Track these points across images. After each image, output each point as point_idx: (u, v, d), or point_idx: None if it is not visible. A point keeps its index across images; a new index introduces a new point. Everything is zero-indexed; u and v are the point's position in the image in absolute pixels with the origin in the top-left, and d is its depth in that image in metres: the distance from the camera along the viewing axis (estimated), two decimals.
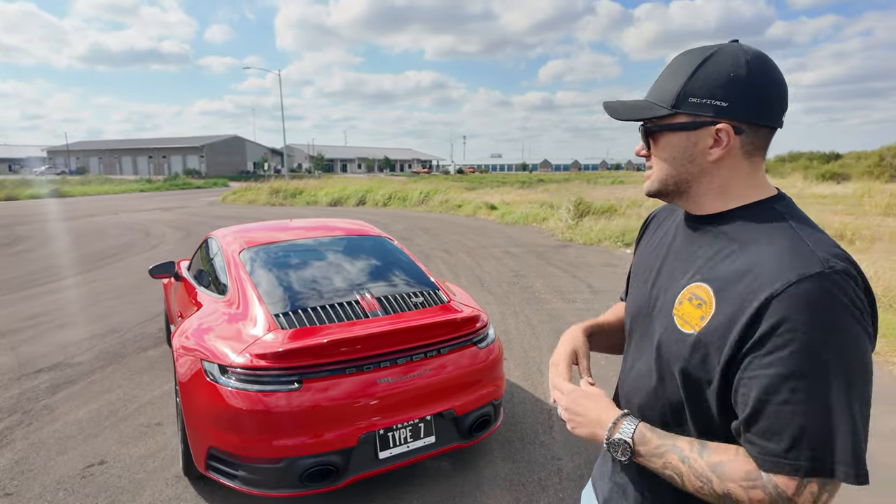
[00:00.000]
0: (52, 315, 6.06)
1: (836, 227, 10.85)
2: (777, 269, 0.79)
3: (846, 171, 32.78)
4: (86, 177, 50.68)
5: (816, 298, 0.75)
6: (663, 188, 0.97)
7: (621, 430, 0.91)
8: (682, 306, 0.91)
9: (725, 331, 0.82)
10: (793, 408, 0.75)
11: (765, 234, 0.86)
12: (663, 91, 0.92)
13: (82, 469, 2.97)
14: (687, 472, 0.84)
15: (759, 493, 0.78)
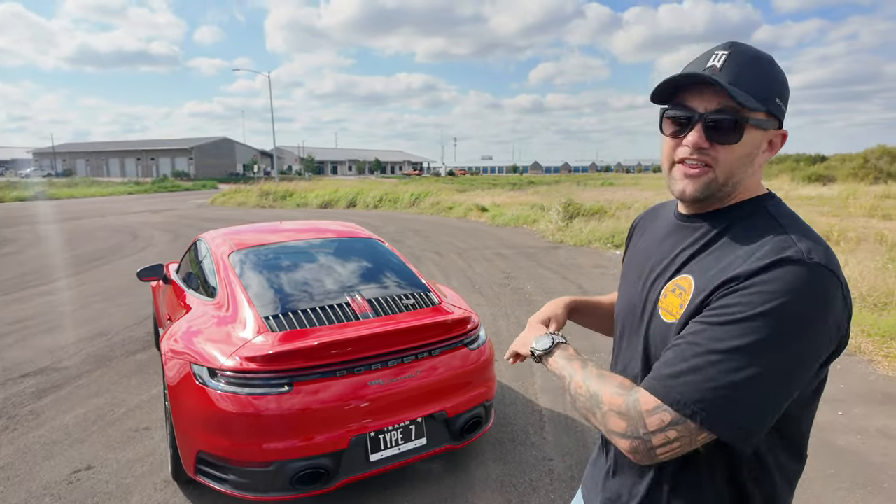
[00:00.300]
0: (39, 319, 5.98)
1: (824, 228, 10.98)
2: (767, 252, 0.80)
3: (831, 172, 33.22)
4: (72, 179, 50.14)
5: (793, 280, 0.75)
6: (717, 191, 0.90)
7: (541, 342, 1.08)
8: (666, 299, 0.91)
9: (701, 307, 0.83)
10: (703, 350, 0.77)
11: (762, 227, 0.86)
12: (743, 82, 0.85)
13: (69, 474, 2.93)
14: (578, 372, 0.94)
15: (620, 399, 0.83)
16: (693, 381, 0.77)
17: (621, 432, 0.82)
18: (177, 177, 56.30)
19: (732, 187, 0.90)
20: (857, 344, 4.65)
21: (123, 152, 73.01)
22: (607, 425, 0.85)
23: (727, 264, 0.83)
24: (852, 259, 6.96)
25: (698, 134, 0.87)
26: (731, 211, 0.92)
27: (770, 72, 0.87)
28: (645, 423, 0.79)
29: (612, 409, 0.84)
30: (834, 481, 2.80)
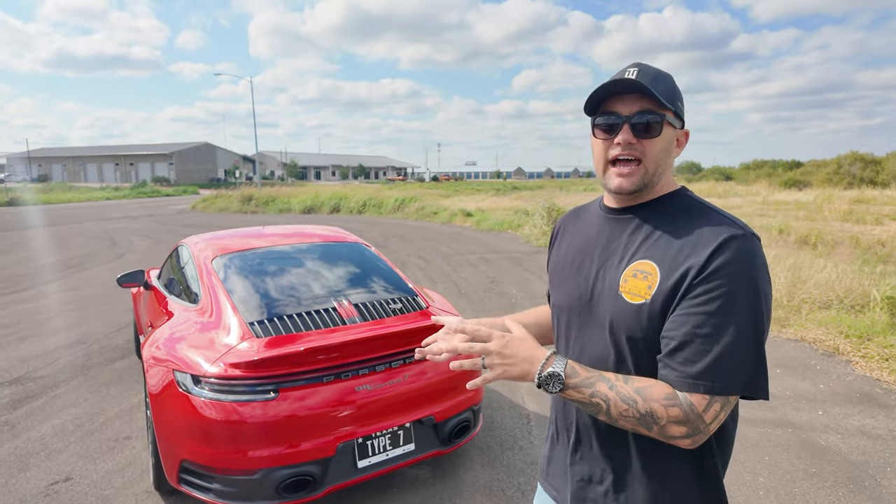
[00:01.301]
0: (13, 327, 5.82)
1: (802, 232, 11.20)
2: (712, 233, 0.95)
3: (807, 178, 33.98)
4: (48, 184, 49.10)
5: (743, 254, 0.92)
6: (647, 182, 1.03)
7: (554, 365, 0.97)
8: (628, 283, 1.01)
9: (672, 293, 0.95)
10: (714, 340, 0.89)
11: (692, 213, 1.02)
12: (656, 88, 0.99)
13: (46, 487, 2.85)
14: (614, 397, 0.94)
15: (677, 410, 0.90)
16: (726, 367, 0.89)
17: (682, 435, 0.92)
18: (157, 182, 55.45)
19: (658, 177, 1.04)
20: (835, 345, 4.75)
21: (102, 157, 71.70)
22: (666, 434, 0.92)
23: (683, 246, 0.96)
24: (829, 262, 7.10)
25: (627, 132, 1.02)
26: (661, 202, 1.06)
27: (671, 82, 1.04)
28: (704, 420, 0.90)
29: (671, 421, 0.91)
30: (817, 480, 2.84)
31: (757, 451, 3.14)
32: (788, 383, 4.09)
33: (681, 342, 0.92)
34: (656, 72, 1.03)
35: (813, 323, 5.22)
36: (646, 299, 0.97)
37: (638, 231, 1.05)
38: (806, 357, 4.64)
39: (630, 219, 1.07)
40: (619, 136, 1.02)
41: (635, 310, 0.98)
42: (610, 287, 1.04)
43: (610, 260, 1.06)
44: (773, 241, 10.18)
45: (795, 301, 5.72)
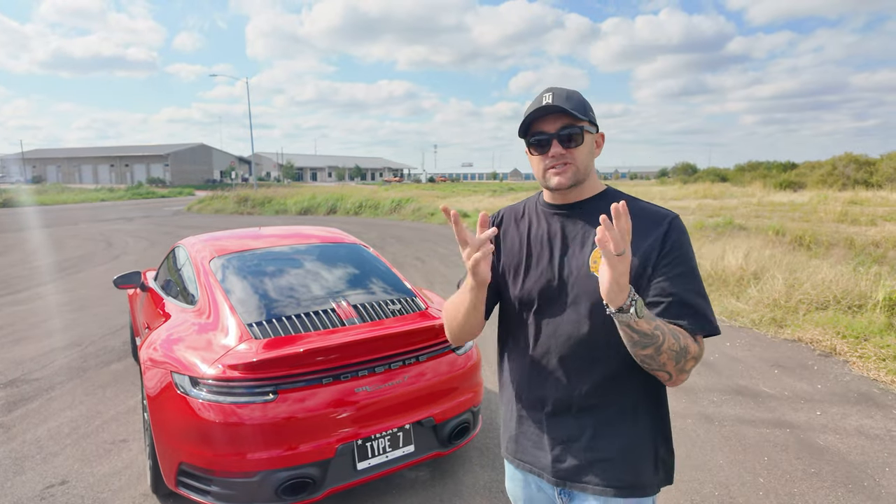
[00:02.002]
0: (8, 329, 5.78)
1: (797, 233, 11.24)
2: (657, 218, 1.23)
3: (801, 179, 34.11)
4: (43, 185, 48.84)
5: (683, 228, 1.22)
6: (580, 178, 1.25)
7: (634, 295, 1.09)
8: (597, 264, 1.20)
9: (643, 262, 1.19)
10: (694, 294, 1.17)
11: (631, 204, 1.23)
12: (573, 106, 1.22)
13: (42, 490, 2.82)
14: (667, 331, 1.10)
15: (696, 346, 1.15)
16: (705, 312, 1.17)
17: (691, 368, 1.15)
18: (152, 184, 55.26)
19: (586, 175, 1.27)
20: (832, 345, 4.76)
21: (97, 158, 71.40)
22: (685, 368, 1.13)
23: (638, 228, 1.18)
24: (826, 263, 7.13)
25: (557, 146, 1.23)
26: (600, 197, 1.29)
27: (580, 98, 1.26)
28: (702, 354, 1.17)
29: (693, 357, 1.13)
30: (816, 480, 2.85)
31: (756, 451, 3.14)
32: (786, 383, 4.10)
33: (673, 301, 1.16)
34: (567, 92, 1.25)
35: (810, 323, 5.24)
36: None
37: (591, 221, 1.26)
38: (803, 357, 4.65)
39: (579, 213, 1.29)
40: (552, 150, 1.23)
41: None
42: (579, 269, 1.24)
43: (572, 248, 1.27)
44: (769, 243, 10.22)
45: (793, 302, 5.73)
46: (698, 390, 4.01)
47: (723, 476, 2.90)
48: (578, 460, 1.25)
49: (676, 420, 3.55)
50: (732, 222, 13.73)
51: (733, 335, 5.30)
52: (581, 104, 1.24)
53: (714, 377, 4.26)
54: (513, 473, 1.42)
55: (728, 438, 3.29)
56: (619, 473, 1.23)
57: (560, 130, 1.22)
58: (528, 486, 1.38)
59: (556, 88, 1.25)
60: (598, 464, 1.24)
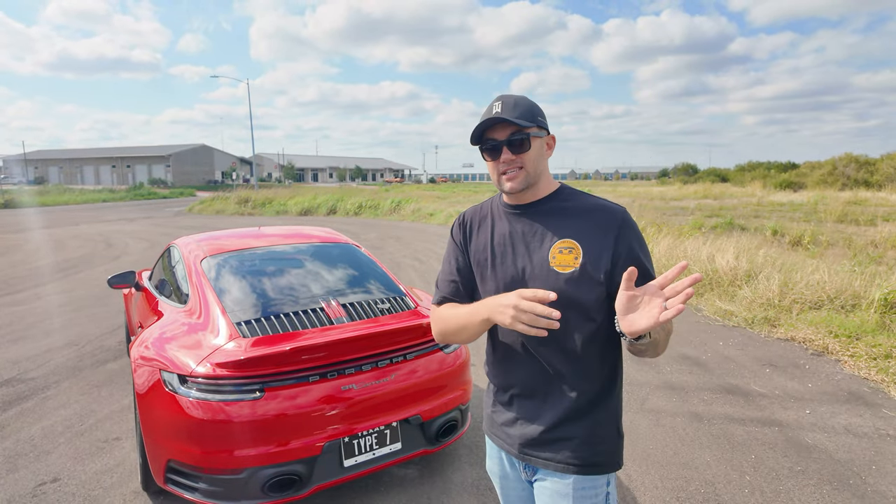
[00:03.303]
0: (6, 329, 5.82)
1: (795, 233, 11.24)
2: (611, 211, 1.31)
3: (802, 179, 34.08)
4: (44, 186, 48.96)
5: (633, 224, 1.31)
6: (531, 181, 1.33)
7: None
8: (556, 259, 1.30)
9: (599, 256, 1.27)
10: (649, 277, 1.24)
11: (580, 201, 1.35)
12: (520, 114, 1.30)
13: (34, 487, 2.85)
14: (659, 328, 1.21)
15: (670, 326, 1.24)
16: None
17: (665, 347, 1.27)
18: (154, 184, 55.36)
19: (537, 177, 1.34)
20: (824, 344, 4.77)
21: (98, 159, 71.51)
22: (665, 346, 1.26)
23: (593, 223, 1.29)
24: (822, 263, 7.14)
25: (507, 153, 1.31)
26: (555, 196, 1.37)
27: (529, 103, 1.33)
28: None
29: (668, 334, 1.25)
30: (801, 478, 2.86)
31: (744, 449, 3.16)
32: (777, 382, 4.12)
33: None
34: (515, 100, 1.32)
35: (803, 323, 5.25)
36: (575, 268, 1.27)
37: (548, 219, 1.34)
38: (795, 356, 4.66)
39: (535, 212, 1.36)
40: (503, 156, 1.32)
41: (566, 278, 1.28)
42: (540, 265, 1.31)
43: (532, 245, 1.34)
44: (766, 243, 10.22)
45: (786, 301, 5.74)
46: (689, 389, 4.03)
47: (709, 474, 2.92)
48: (541, 438, 1.35)
49: (665, 418, 3.57)
50: (732, 222, 13.75)
51: (726, 334, 5.32)
52: (529, 110, 1.31)
53: (705, 376, 4.27)
54: (490, 450, 1.54)
55: (716, 437, 3.31)
56: (580, 452, 1.32)
57: (509, 137, 1.30)
58: (502, 462, 1.49)
59: (505, 97, 1.33)
60: (560, 442, 1.33)
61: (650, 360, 4.62)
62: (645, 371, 4.40)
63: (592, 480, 1.33)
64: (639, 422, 3.53)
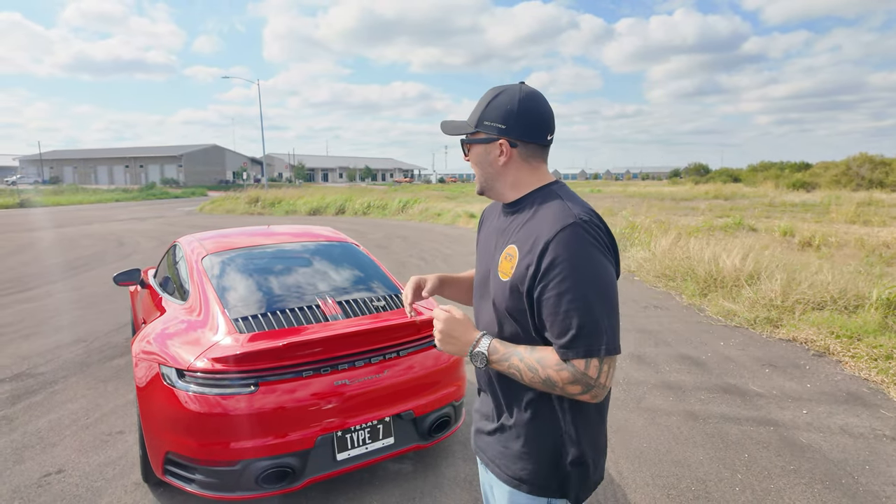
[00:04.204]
0: (17, 325, 5.95)
1: (805, 234, 11.15)
2: (549, 225, 1.15)
3: (815, 180, 33.71)
4: (59, 186, 49.67)
5: (573, 240, 1.11)
6: (484, 186, 1.33)
7: (480, 345, 1.23)
8: (501, 264, 1.26)
9: (524, 272, 1.16)
10: (569, 314, 1.09)
11: (545, 205, 1.22)
12: (472, 116, 1.29)
13: (39, 478, 2.94)
14: (523, 367, 1.16)
15: (566, 373, 1.12)
16: (585, 334, 1.09)
17: (580, 392, 1.12)
18: (166, 184, 55.95)
19: (491, 182, 1.31)
20: (825, 345, 4.75)
21: (112, 159, 72.46)
22: (567, 392, 1.13)
23: (532, 235, 1.18)
24: (826, 264, 7.09)
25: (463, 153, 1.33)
26: (530, 197, 1.27)
27: (482, 105, 1.27)
28: (590, 376, 1.11)
29: (566, 383, 1.12)
30: (794, 477, 2.87)
31: (737, 448, 3.17)
32: (776, 382, 4.11)
33: (549, 322, 1.14)
34: (480, 98, 1.29)
35: (805, 323, 5.23)
36: (509, 277, 1.21)
37: (514, 221, 1.28)
38: (796, 357, 4.65)
39: (511, 212, 1.31)
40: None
41: (503, 286, 1.23)
42: (493, 267, 1.29)
43: (498, 245, 1.30)
44: (774, 243, 10.16)
45: (789, 302, 5.72)
46: (686, 388, 4.04)
47: (701, 472, 2.94)
48: (488, 437, 1.36)
49: (661, 417, 3.58)
50: (742, 223, 13.66)
51: (727, 335, 5.31)
52: (480, 113, 1.26)
53: (704, 376, 4.28)
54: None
55: (711, 436, 3.32)
56: (512, 462, 1.27)
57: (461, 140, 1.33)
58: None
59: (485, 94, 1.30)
60: (500, 447, 1.31)
61: (650, 360, 4.63)
62: (643, 370, 4.42)
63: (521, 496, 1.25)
64: (634, 420, 3.55)
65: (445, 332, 1.27)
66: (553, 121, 1.28)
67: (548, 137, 1.27)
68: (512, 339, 1.23)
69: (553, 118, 1.28)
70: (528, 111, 1.23)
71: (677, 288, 7.20)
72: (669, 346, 5.00)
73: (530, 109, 1.24)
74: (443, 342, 1.28)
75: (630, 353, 4.80)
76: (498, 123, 1.24)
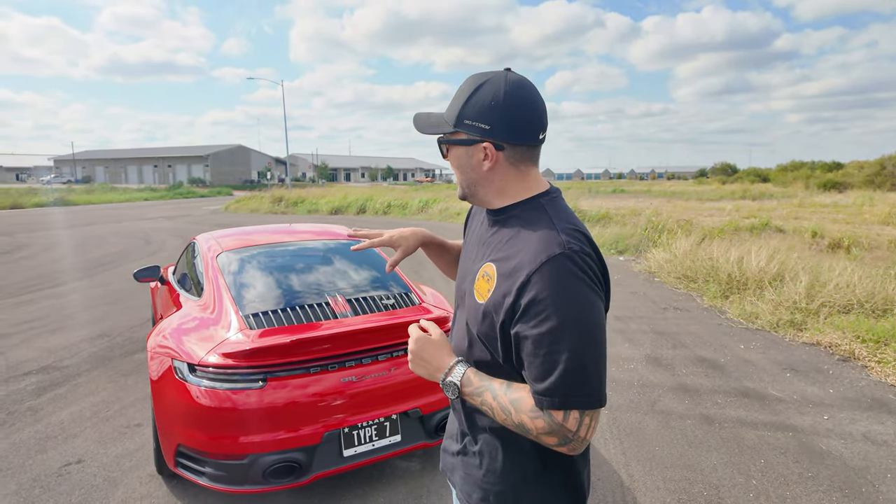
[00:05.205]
0: (45, 320, 6.14)
1: (835, 235, 10.84)
2: (533, 253, 1.00)
3: (848, 180, 32.71)
4: (91, 185, 51.15)
5: (558, 274, 0.96)
6: (465, 192, 1.17)
7: (453, 375, 1.09)
8: (478, 282, 1.11)
9: (500, 301, 1.02)
10: (548, 359, 0.95)
11: (529, 223, 1.07)
12: (450, 111, 1.11)
13: (59, 468, 3.03)
14: (497, 406, 1.03)
15: (541, 421, 0.98)
16: (565, 383, 0.95)
17: (556, 444, 0.99)
18: (193, 184, 57.12)
19: (472, 188, 1.15)
20: (850, 349, 4.61)
21: (141, 159, 74.30)
22: (542, 442, 1.01)
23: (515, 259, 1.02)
24: (859, 267, 6.87)
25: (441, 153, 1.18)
26: (515, 208, 1.12)
27: (463, 99, 1.08)
28: (569, 429, 0.97)
29: (542, 433, 0.99)
30: (811, 484, 2.79)
31: (753, 453, 3.10)
32: (797, 387, 4.00)
33: (527, 363, 0.99)
34: (459, 90, 1.11)
35: (830, 327, 5.08)
36: (484, 300, 1.07)
37: (497, 234, 1.13)
38: (819, 361, 4.52)
39: (494, 221, 1.16)
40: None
41: (478, 307, 1.09)
42: (470, 283, 1.15)
43: (476, 256, 1.17)
44: (802, 245, 9.90)
45: (814, 305, 5.56)
46: (703, 392, 3.96)
47: (715, 477, 2.88)
48: (452, 459, 1.26)
49: (675, 420, 3.52)
50: (769, 224, 13.34)
51: (748, 338, 5.19)
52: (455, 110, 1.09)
53: (721, 379, 4.19)
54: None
55: (726, 440, 3.25)
56: (473, 491, 1.16)
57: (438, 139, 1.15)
58: None
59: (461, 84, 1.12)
60: (463, 472, 1.20)
61: (666, 362, 4.55)
62: (658, 373, 4.34)
63: None
64: (647, 423, 3.50)
65: (416, 354, 1.14)
66: (545, 116, 1.10)
67: (539, 137, 1.09)
68: (481, 363, 1.11)
69: (545, 113, 1.10)
70: (515, 107, 1.05)
71: (698, 289, 7.06)
72: (687, 348, 4.91)
73: (518, 105, 1.05)
74: (413, 363, 1.16)
75: (646, 356, 4.73)
76: (481, 123, 1.06)
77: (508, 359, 1.05)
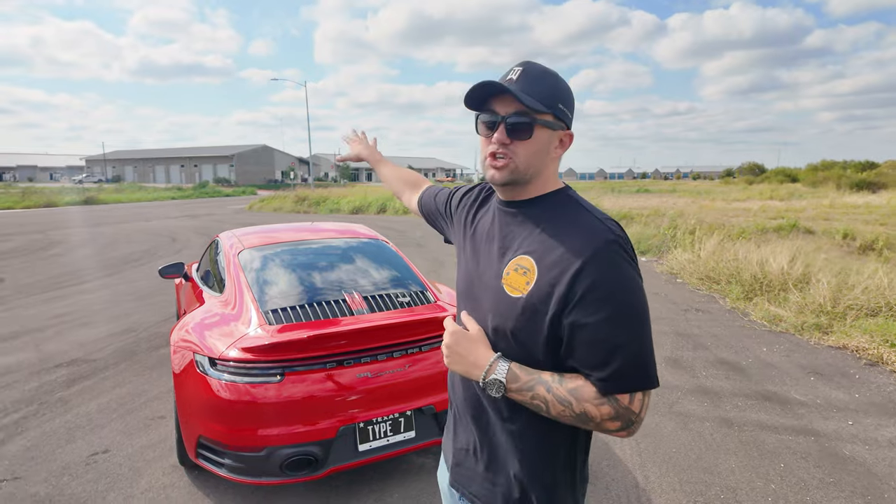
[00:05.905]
0: (76, 315, 6.34)
1: (868, 237, 10.55)
2: (582, 242, 1.00)
3: (882, 180, 31.72)
4: (120, 185, 52.47)
5: (613, 261, 0.98)
6: (519, 177, 1.08)
7: (497, 371, 1.04)
8: (510, 276, 1.07)
9: (549, 291, 1.00)
10: (613, 344, 0.96)
11: (564, 213, 1.07)
12: (535, 92, 1.04)
13: (87, 457, 3.13)
14: (552, 399, 1.00)
15: (607, 407, 0.98)
16: (630, 366, 0.97)
17: (618, 428, 0.99)
18: (218, 183, 58.16)
19: (530, 176, 1.09)
20: (878, 353, 4.49)
21: (169, 159, 75.93)
22: (603, 428, 1.00)
23: (560, 249, 1.01)
24: (884, 268, 6.68)
25: (501, 133, 1.06)
26: (544, 199, 1.11)
27: (554, 84, 1.06)
28: (633, 411, 0.98)
29: (605, 418, 0.98)
30: (833, 489, 2.74)
31: (773, 457, 3.04)
32: (820, 391, 3.92)
33: (584, 351, 0.99)
34: (540, 72, 1.06)
35: (857, 330, 4.95)
36: (523, 294, 1.03)
37: (522, 226, 1.10)
38: (845, 365, 4.41)
39: (516, 213, 1.13)
40: (495, 135, 1.07)
41: (512, 302, 1.05)
42: (495, 277, 1.10)
43: (497, 252, 1.13)
44: (834, 247, 9.65)
45: (840, 307, 5.43)
46: (723, 394, 3.90)
47: (732, 480, 2.84)
48: (469, 471, 1.20)
49: (693, 422, 3.48)
50: (797, 225, 13.03)
51: (771, 340, 5.09)
52: (550, 92, 1.04)
53: (743, 382, 4.12)
54: (441, 464, 1.37)
55: (745, 444, 3.20)
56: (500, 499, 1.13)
57: (512, 115, 1.04)
58: (444, 477, 1.32)
59: (530, 65, 1.07)
60: (485, 481, 1.16)
61: (686, 364, 4.50)
62: (678, 375, 4.29)
63: None
64: (665, 424, 3.46)
65: (451, 348, 1.10)
66: None
67: None
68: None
69: None
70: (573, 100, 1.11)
71: (721, 291, 6.95)
72: (708, 350, 4.84)
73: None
74: (448, 358, 1.11)
75: (665, 357, 4.67)
76: (569, 111, 1.08)
77: (548, 351, 1.02)
